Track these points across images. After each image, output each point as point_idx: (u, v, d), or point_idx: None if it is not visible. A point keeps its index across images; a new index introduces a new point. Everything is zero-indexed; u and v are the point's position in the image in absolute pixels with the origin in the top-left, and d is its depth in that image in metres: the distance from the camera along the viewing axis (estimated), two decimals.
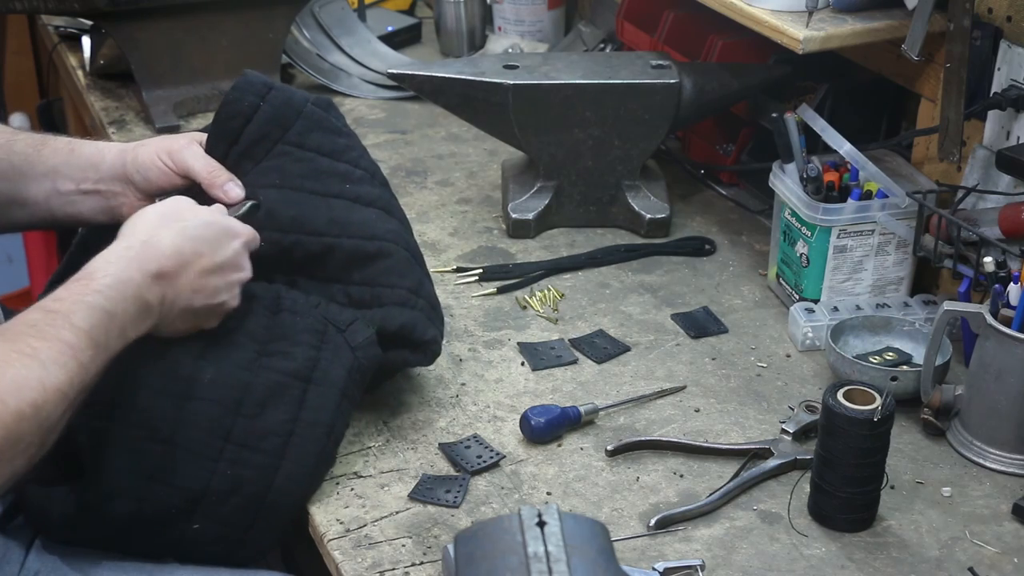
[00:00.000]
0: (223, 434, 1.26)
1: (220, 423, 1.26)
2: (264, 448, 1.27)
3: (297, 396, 1.30)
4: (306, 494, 1.32)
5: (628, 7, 2.16)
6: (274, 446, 1.28)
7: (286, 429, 1.29)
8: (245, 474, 1.26)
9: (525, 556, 1.00)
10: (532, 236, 1.87)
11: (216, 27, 2.17)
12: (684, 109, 1.81)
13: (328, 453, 1.34)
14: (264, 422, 1.28)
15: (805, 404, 1.46)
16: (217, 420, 1.26)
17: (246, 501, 1.27)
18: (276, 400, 1.29)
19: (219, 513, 1.26)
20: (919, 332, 1.53)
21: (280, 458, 1.28)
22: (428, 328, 1.41)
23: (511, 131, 1.83)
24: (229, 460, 1.26)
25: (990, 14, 1.53)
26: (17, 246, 3.19)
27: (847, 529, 1.30)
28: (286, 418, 1.29)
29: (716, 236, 1.88)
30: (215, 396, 1.26)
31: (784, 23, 1.57)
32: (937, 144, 1.56)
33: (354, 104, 2.32)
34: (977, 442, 1.40)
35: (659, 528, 1.29)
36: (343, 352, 1.35)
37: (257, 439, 1.27)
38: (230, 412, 1.26)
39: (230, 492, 1.26)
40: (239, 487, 1.26)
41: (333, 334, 1.35)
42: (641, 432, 1.44)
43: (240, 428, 1.27)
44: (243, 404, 1.27)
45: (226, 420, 1.26)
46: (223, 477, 1.25)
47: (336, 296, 1.40)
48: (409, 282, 1.42)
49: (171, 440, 1.24)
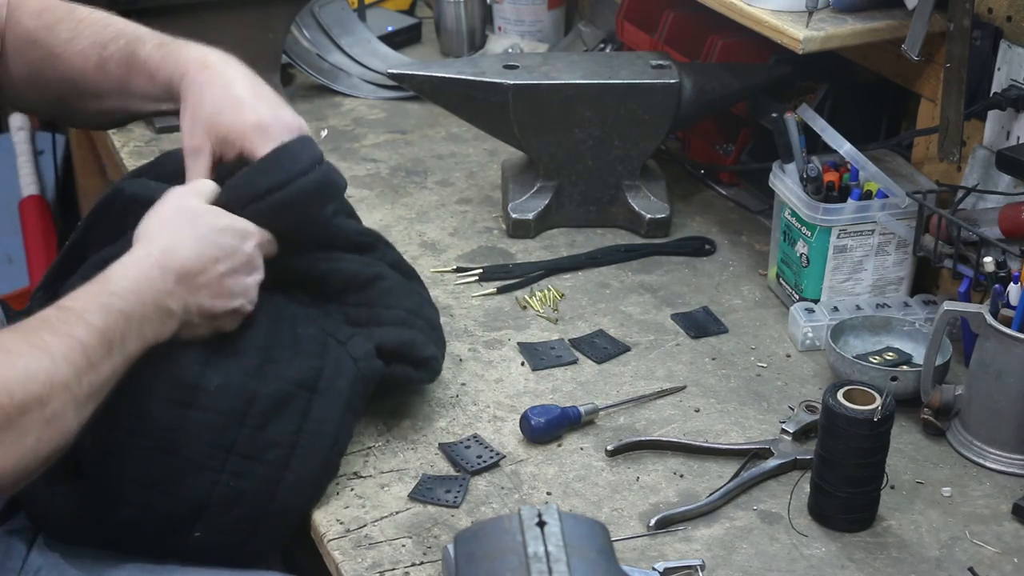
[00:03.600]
0: (227, 445, 1.25)
1: (224, 434, 1.25)
2: (267, 459, 1.26)
3: (302, 407, 1.29)
4: (309, 504, 1.31)
5: (628, 7, 2.16)
6: (277, 457, 1.27)
7: (290, 441, 1.28)
8: (247, 486, 1.26)
9: (525, 556, 1.00)
10: (532, 236, 1.87)
11: (216, 27, 2.16)
12: (684, 109, 1.81)
13: (332, 464, 1.34)
14: (268, 433, 1.27)
15: (805, 404, 1.46)
16: (221, 431, 1.25)
17: (248, 511, 1.26)
18: (281, 410, 1.28)
19: (221, 523, 1.26)
20: (919, 332, 1.53)
21: (283, 470, 1.27)
22: (427, 346, 1.41)
23: (511, 131, 1.83)
24: (232, 472, 1.25)
25: (990, 14, 1.53)
26: (17, 246, 3.19)
27: (847, 529, 1.30)
28: (290, 429, 1.28)
29: (716, 236, 1.88)
30: (220, 406, 1.25)
31: (784, 23, 1.57)
32: (937, 144, 1.56)
33: (354, 104, 2.32)
34: (977, 442, 1.40)
35: (659, 528, 1.29)
36: (345, 363, 1.34)
37: (260, 450, 1.26)
38: (235, 423, 1.25)
39: (232, 503, 1.25)
40: (241, 498, 1.26)
41: (334, 346, 1.34)
42: (641, 432, 1.44)
43: (244, 439, 1.26)
44: (248, 415, 1.26)
45: (230, 431, 1.25)
46: (225, 488, 1.25)
47: (333, 315, 1.39)
48: (408, 304, 1.42)
49: (175, 450, 1.23)
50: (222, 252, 1.25)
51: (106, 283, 1.17)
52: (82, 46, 1.41)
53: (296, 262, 1.37)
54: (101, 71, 1.40)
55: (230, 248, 1.26)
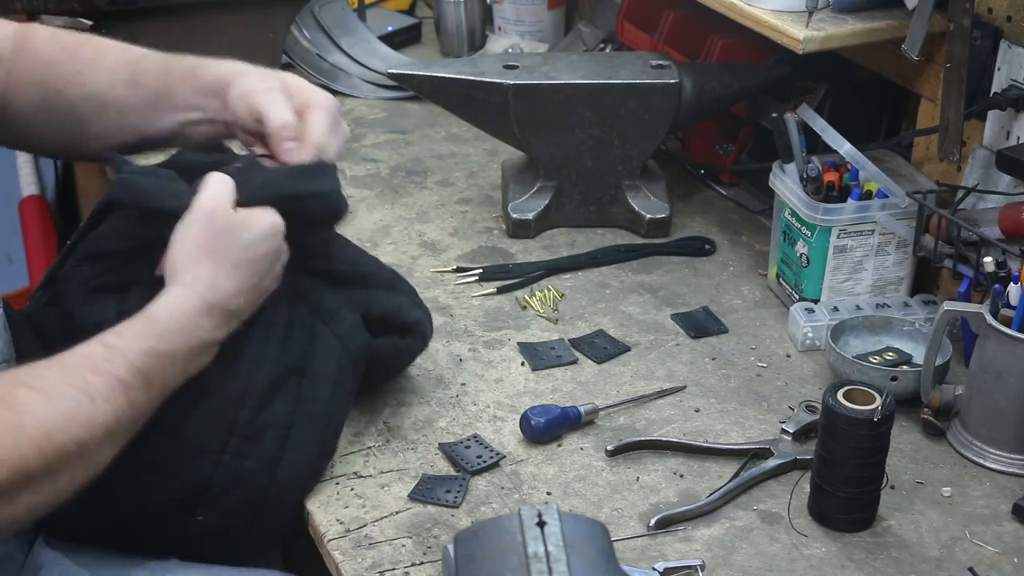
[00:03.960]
0: (228, 427, 1.26)
1: (225, 416, 1.26)
2: (266, 439, 1.28)
3: (294, 390, 1.31)
4: (307, 486, 1.33)
5: (628, 7, 2.16)
6: (275, 438, 1.28)
7: (286, 421, 1.29)
8: (247, 466, 1.27)
9: (525, 556, 1.00)
10: (532, 236, 1.87)
11: (216, 27, 2.17)
12: (684, 109, 1.81)
13: (328, 445, 1.35)
14: (266, 415, 1.28)
15: (805, 404, 1.46)
16: (222, 413, 1.26)
17: (249, 493, 1.27)
18: (276, 392, 1.29)
19: (222, 505, 1.26)
20: (919, 332, 1.53)
21: (281, 450, 1.28)
22: (413, 309, 1.43)
23: (511, 131, 1.83)
24: (232, 453, 1.26)
25: (990, 14, 1.53)
26: (17, 246, 3.19)
27: (847, 529, 1.30)
28: (286, 410, 1.29)
29: (716, 236, 1.88)
30: (222, 389, 1.26)
31: (784, 23, 1.57)
32: (937, 144, 1.56)
33: (354, 104, 2.32)
34: (977, 442, 1.40)
35: (659, 528, 1.29)
36: (331, 343, 1.35)
37: (259, 431, 1.27)
38: (234, 404, 1.27)
39: (233, 484, 1.26)
40: (242, 479, 1.26)
41: (320, 327, 1.35)
42: (641, 432, 1.44)
43: (244, 421, 1.27)
44: (248, 396, 1.27)
45: (231, 413, 1.26)
46: (226, 469, 1.26)
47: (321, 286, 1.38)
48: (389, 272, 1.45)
49: (176, 433, 1.24)
50: (258, 266, 1.25)
51: (153, 324, 1.18)
52: (110, 62, 1.41)
53: None
54: (132, 85, 1.39)
55: (264, 258, 1.26)
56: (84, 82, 1.40)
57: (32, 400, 1.07)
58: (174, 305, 1.20)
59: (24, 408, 1.06)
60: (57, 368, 1.11)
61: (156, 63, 1.41)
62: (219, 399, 1.26)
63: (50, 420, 1.06)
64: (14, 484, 1.03)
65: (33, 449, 1.04)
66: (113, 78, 1.40)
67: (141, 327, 1.17)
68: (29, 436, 1.04)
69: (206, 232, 1.24)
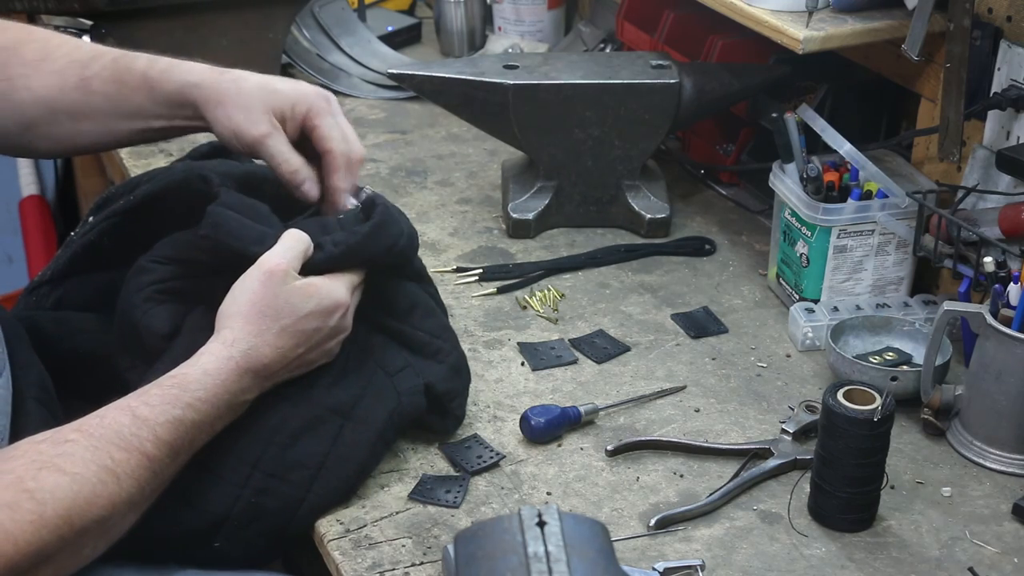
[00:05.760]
0: (252, 461, 1.24)
1: (251, 450, 1.24)
2: (291, 479, 1.26)
3: (333, 431, 1.28)
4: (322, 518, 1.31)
5: (628, 7, 2.16)
6: (301, 478, 1.26)
7: (316, 462, 1.27)
8: (269, 504, 1.25)
9: (525, 556, 1.00)
10: (532, 236, 1.87)
11: (216, 27, 2.17)
12: (684, 109, 1.81)
13: (353, 489, 1.32)
14: (295, 453, 1.26)
15: (805, 404, 1.46)
16: (248, 447, 1.24)
17: (268, 528, 1.26)
18: (311, 433, 1.27)
19: (241, 536, 1.25)
20: (919, 332, 1.53)
21: (307, 491, 1.26)
22: (464, 404, 1.42)
23: (511, 131, 1.83)
24: (254, 488, 1.24)
25: (990, 14, 1.53)
26: (17, 246, 3.20)
27: (847, 529, 1.30)
28: (319, 451, 1.27)
29: (716, 236, 1.88)
30: (252, 424, 1.24)
31: (784, 23, 1.57)
32: (937, 144, 1.56)
33: (354, 104, 2.32)
34: (977, 442, 1.40)
35: (659, 528, 1.29)
36: (388, 394, 1.33)
37: (286, 469, 1.25)
38: (261, 439, 1.25)
39: (252, 519, 1.24)
40: (262, 515, 1.25)
41: (381, 377, 1.33)
42: (641, 432, 1.45)
43: (269, 457, 1.25)
44: (277, 432, 1.25)
45: (257, 448, 1.24)
46: (246, 504, 1.24)
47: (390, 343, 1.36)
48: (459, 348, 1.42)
49: (204, 463, 1.22)
50: (305, 338, 1.23)
51: (182, 391, 1.16)
52: (58, 66, 1.34)
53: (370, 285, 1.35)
54: (83, 90, 1.33)
55: (314, 332, 1.24)
56: (31, 86, 1.33)
57: (56, 485, 1.04)
58: (207, 369, 1.18)
59: (47, 495, 1.03)
60: (84, 442, 1.08)
61: (107, 68, 1.34)
62: (247, 433, 1.24)
63: (74, 506, 1.04)
64: (33, 565, 1.02)
65: (54, 536, 1.02)
66: (63, 83, 1.33)
67: (171, 396, 1.15)
68: (50, 524, 1.02)
69: (262, 290, 1.21)
